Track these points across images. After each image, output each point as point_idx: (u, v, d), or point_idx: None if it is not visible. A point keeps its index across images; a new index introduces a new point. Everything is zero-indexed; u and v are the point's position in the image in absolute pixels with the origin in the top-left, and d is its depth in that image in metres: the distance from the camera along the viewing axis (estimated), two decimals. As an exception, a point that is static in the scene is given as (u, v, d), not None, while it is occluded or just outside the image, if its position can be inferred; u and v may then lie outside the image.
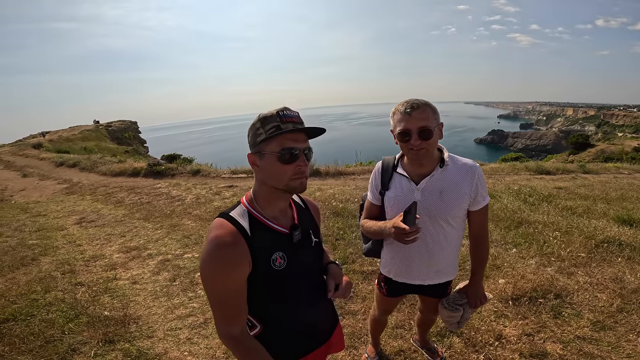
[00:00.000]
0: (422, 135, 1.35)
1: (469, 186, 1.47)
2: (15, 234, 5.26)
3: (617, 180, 7.30)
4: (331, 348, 1.35)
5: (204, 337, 2.59)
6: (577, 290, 2.83)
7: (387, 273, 1.74)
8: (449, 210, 1.48)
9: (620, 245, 3.52)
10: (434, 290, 1.72)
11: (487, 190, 1.56)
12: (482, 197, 1.51)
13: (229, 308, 1.04)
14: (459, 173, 1.48)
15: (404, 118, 1.37)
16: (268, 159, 1.03)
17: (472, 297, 1.69)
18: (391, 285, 1.77)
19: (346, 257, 3.64)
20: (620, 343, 2.24)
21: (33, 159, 16.09)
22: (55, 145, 23.47)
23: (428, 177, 1.48)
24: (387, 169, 1.60)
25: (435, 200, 1.47)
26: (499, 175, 7.85)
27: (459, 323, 1.72)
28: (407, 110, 1.36)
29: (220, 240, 0.99)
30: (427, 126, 1.35)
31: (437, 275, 1.64)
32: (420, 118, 1.35)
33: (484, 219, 1.58)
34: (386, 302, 1.89)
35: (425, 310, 2.01)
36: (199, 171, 9.31)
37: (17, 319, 2.78)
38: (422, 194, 1.48)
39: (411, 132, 1.36)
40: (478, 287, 1.69)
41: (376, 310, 2.01)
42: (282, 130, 1.01)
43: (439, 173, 1.47)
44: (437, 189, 1.47)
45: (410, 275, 1.66)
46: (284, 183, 1.05)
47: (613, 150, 27.85)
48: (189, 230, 4.95)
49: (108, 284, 3.46)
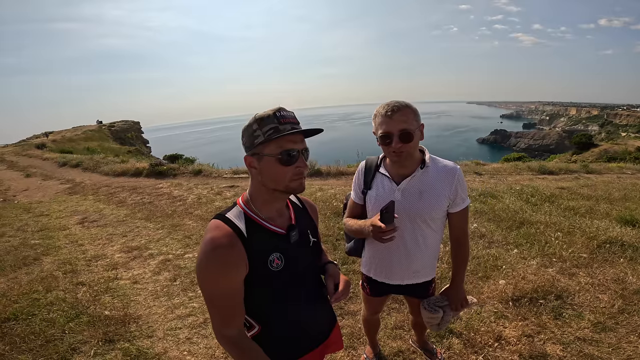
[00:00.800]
0: (403, 138, 1.37)
1: (449, 188, 1.49)
2: (18, 233, 5.29)
3: (620, 180, 7.25)
4: (329, 348, 1.35)
5: (204, 336, 2.60)
6: (579, 291, 2.81)
7: (367, 272, 1.76)
8: (428, 211, 1.50)
9: (623, 245, 3.49)
10: (414, 291, 1.74)
11: (467, 193, 1.58)
12: (461, 199, 1.53)
13: (226, 310, 1.04)
14: (439, 174, 1.50)
15: (384, 121, 1.38)
16: (267, 161, 1.03)
17: (453, 300, 1.71)
18: (373, 285, 1.78)
19: (346, 258, 3.63)
20: (621, 344, 2.22)
21: (36, 159, 16.19)
22: (58, 145, 23.61)
23: (409, 178, 1.50)
24: (370, 168, 1.62)
25: (415, 200, 1.49)
26: (501, 175, 7.81)
27: (439, 325, 1.73)
28: (387, 114, 1.37)
29: (216, 242, 0.99)
30: (407, 129, 1.36)
31: (415, 276, 1.66)
32: (400, 121, 1.36)
33: (464, 222, 1.60)
34: (371, 301, 1.90)
35: (411, 312, 2.02)
36: (201, 171, 9.33)
37: (18, 318, 2.80)
38: (402, 194, 1.50)
39: (392, 135, 1.37)
40: (459, 290, 1.71)
41: (365, 311, 2.03)
42: (280, 132, 1.00)
43: (420, 174, 1.49)
44: (417, 189, 1.49)
45: (390, 275, 1.68)
46: (284, 184, 1.05)
47: (616, 150, 27.68)
48: (190, 230, 4.97)
49: (109, 283, 3.47)
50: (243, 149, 1.09)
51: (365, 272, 1.78)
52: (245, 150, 1.08)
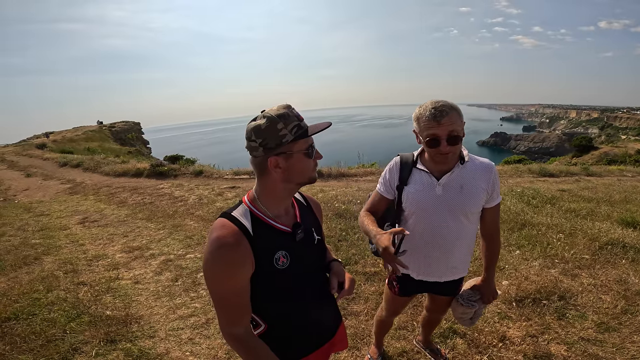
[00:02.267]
0: (451, 142, 1.37)
1: (487, 182, 1.52)
2: (18, 233, 5.28)
3: (621, 182, 7.25)
4: (335, 346, 1.35)
5: (206, 337, 2.59)
6: (581, 292, 2.81)
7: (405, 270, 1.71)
8: (469, 204, 1.52)
9: (624, 247, 3.49)
10: (448, 288, 1.73)
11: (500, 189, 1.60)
12: (496, 195, 1.57)
13: (233, 308, 1.04)
14: (477, 170, 1.53)
15: (432, 125, 1.36)
16: (297, 158, 1.04)
17: (486, 293, 1.73)
18: (404, 284, 1.76)
19: (349, 259, 3.62)
20: (625, 344, 2.22)
21: (37, 159, 16.18)
22: (58, 145, 23.60)
23: (449, 174, 1.51)
24: (406, 164, 1.62)
25: (456, 194, 1.51)
26: (502, 178, 7.81)
27: (472, 319, 1.75)
28: (436, 118, 1.35)
29: (223, 241, 0.99)
30: (455, 132, 1.37)
31: (453, 272, 1.67)
32: (449, 124, 1.35)
33: (496, 217, 1.63)
34: (397, 302, 1.88)
35: (433, 309, 1.99)
36: (202, 172, 9.33)
37: (18, 318, 2.79)
38: (443, 189, 1.52)
39: (440, 139, 1.37)
40: (491, 283, 1.73)
41: (384, 311, 2.00)
42: (302, 128, 1.04)
43: (459, 170, 1.51)
44: (457, 184, 1.51)
45: (429, 272, 1.66)
46: (308, 176, 1.10)
47: (616, 153, 27.72)
48: (191, 230, 4.96)
49: (110, 283, 3.46)
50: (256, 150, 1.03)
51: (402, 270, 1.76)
52: (263, 152, 1.02)
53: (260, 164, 1.05)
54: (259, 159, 1.04)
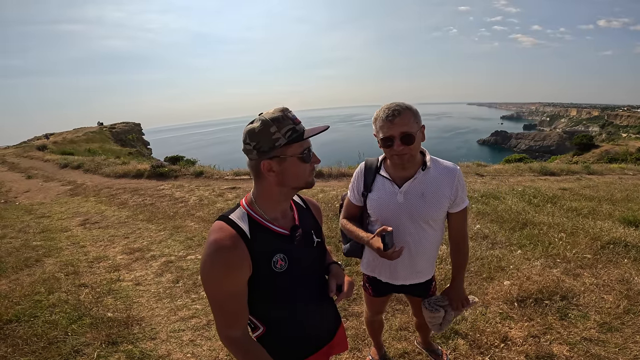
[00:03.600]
0: (405, 141, 1.38)
1: (450, 188, 1.51)
2: (20, 235, 5.28)
3: (622, 181, 7.24)
4: (334, 349, 1.34)
5: (207, 339, 2.59)
6: (584, 292, 2.80)
7: (372, 272, 1.77)
8: (431, 211, 1.52)
9: (626, 246, 3.48)
10: (417, 290, 1.76)
11: (467, 193, 1.60)
12: (461, 200, 1.56)
13: (230, 311, 1.04)
14: (440, 176, 1.52)
15: (385, 124, 1.39)
16: (291, 161, 1.03)
17: (454, 299, 1.72)
18: (375, 285, 1.79)
19: (349, 259, 3.62)
20: (628, 344, 2.21)
21: (37, 161, 16.19)
22: (59, 147, 23.62)
23: (410, 180, 1.51)
24: (370, 170, 1.63)
25: (418, 202, 1.51)
26: (503, 177, 7.80)
27: (441, 325, 1.74)
28: (388, 117, 1.38)
29: (220, 244, 0.99)
30: (408, 132, 1.38)
31: (418, 276, 1.69)
32: (401, 124, 1.37)
33: (463, 222, 1.62)
34: (374, 302, 1.90)
35: (414, 313, 2.02)
36: (202, 173, 9.33)
37: (20, 320, 2.79)
38: (404, 197, 1.51)
39: (394, 138, 1.39)
40: (459, 290, 1.72)
41: (368, 312, 2.03)
42: (298, 132, 1.02)
43: (421, 176, 1.51)
44: (419, 191, 1.51)
45: (394, 276, 1.69)
46: (305, 180, 1.08)
47: (617, 151, 27.68)
48: (192, 231, 4.96)
49: (111, 285, 3.46)
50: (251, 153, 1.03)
51: (368, 273, 1.79)
52: (257, 155, 1.02)
53: (255, 167, 1.05)
54: (254, 162, 1.05)
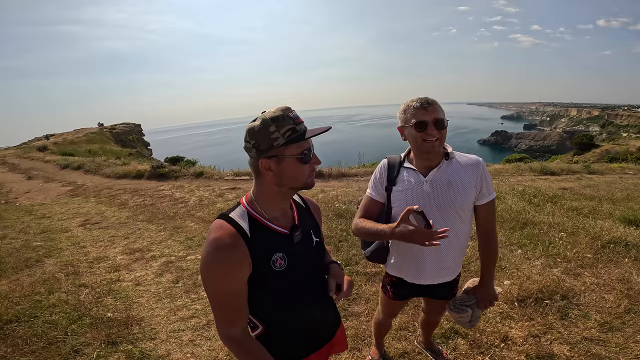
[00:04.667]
0: (438, 126, 1.44)
1: (475, 177, 1.52)
2: (20, 235, 5.28)
3: (623, 180, 7.23)
4: (334, 348, 1.34)
5: (207, 338, 2.59)
6: (584, 291, 2.79)
7: (398, 273, 1.71)
8: (459, 199, 1.51)
9: (627, 245, 3.47)
10: (442, 290, 1.71)
11: (493, 186, 1.58)
12: (487, 191, 1.54)
13: (230, 309, 1.04)
14: (465, 165, 1.53)
15: (419, 112, 1.44)
16: (289, 162, 1.03)
17: (483, 298, 1.68)
18: (398, 288, 1.75)
19: (349, 259, 3.62)
20: (629, 344, 2.21)
21: (38, 162, 16.21)
22: (59, 147, 23.64)
23: (435, 169, 1.52)
24: (393, 165, 1.63)
25: (444, 190, 1.50)
26: (503, 176, 7.79)
27: (470, 322, 1.71)
28: (423, 105, 1.45)
29: (220, 242, 0.99)
30: (441, 118, 1.45)
31: (445, 273, 1.65)
32: (434, 111, 1.44)
33: (491, 215, 1.60)
34: (392, 305, 1.87)
35: (430, 312, 1.99)
36: (202, 173, 9.33)
37: (20, 320, 2.79)
38: (430, 186, 1.51)
39: (427, 122, 1.43)
40: (488, 288, 1.68)
41: (381, 314, 1.99)
42: (298, 132, 1.02)
43: (446, 165, 1.52)
44: (444, 179, 1.51)
45: (422, 275, 1.64)
46: (303, 181, 1.07)
47: (618, 151, 27.65)
48: (192, 232, 4.96)
49: (111, 285, 3.46)
50: (250, 151, 1.05)
51: (394, 274, 1.73)
52: (256, 154, 1.03)
53: (254, 166, 1.06)
54: (253, 161, 1.05)
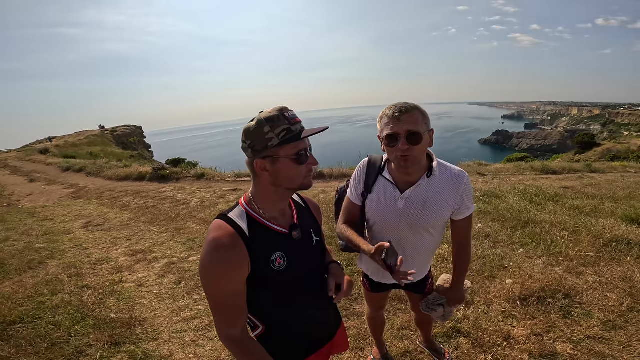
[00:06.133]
0: (410, 140, 1.28)
1: (454, 197, 1.44)
2: (23, 238, 5.30)
3: (624, 179, 7.21)
4: (335, 348, 1.34)
5: (209, 339, 2.59)
6: (587, 290, 2.79)
7: (366, 271, 1.77)
8: (431, 220, 1.47)
9: (629, 244, 3.46)
10: (413, 287, 1.78)
11: (473, 200, 1.53)
12: (466, 208, 1.49)
13: (229, 309, 1.04)
14: (445, 184, 1.44)
15: (391, 122, 1.30)
16: (284, 162, 1.02)
17: (452, 299, 1.74)
18: (372, 281, 1.78)
19: (351, 259, 3.62)
20: (632, 342, 2.20)
21: (40, 164, 16.25)
22: (61, 150, 23.71)
23: (414, 187, 1.43)
24: (372, 169, 1.54)
25: (418, 210, 1.44)
26: (505, 176, 7.78)
27: (444, 316, 1.79)
28: (395, 115, 1.29)
29: (219, 242, 0.99)
30: (415, 130, 1.28)
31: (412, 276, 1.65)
32: (409, 122, 1.28)
33: (467, 228, 1.57)
34: (373, 298, 1.90)
35: (413, 308, 2.03)
36: (204, 175, 9.33)
37: (24, 321, 2.80)
38: (405, 203, 1.45)
39: (399, 136, 1.29)
40: (458, 292, 1.73)
41: (369, 308, 2.03)
42: (293, 133, 1.01)
43: (425, 183, 1.43)
44: (421, 199, 1.43)
45: (386, 278, 1.66)
46: (299, 182, 1.06)
47: (619, 149, 27.60)
48: (194, 233, 4.97)
49: (114, 286, 3.47)
50: (247, 152, 1.05)
51: (364, 270, 1.79)
52: (252, 154, 1.04)
53: (251, 166, 1.06)
54: (249, 161, 1.06)
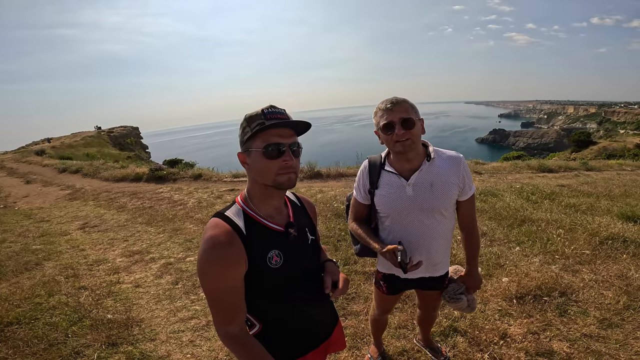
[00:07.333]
0: (405, 125, 1.42)
1: (457, 177, 1.53)
2: (19, 239, 5.28)
3: (620, 176, 7.25)
4: (331, 347, 1.35)
5: (207, 339, 2.59)
6: (583, 288, 2.80)
7: (389, 270, 1.74)
8: (441, 201, 1.52)
9: (625, 241, 3.49)
10: (433, 282, 1.75)
11: (472, 180, 1.61)
12: (469, 187, 1.57)
13: (227, 307, 1.04)
14: (446, 165, 1.53)
15: (385, 113, 1.45)
16: (254, 156, 1.05)
17: (471, 285, 1.76)
18: (391, 283, 1.77)
19: (348, 258, 3.62)
20: (628, 340, 2.21)
21: (36, 166, 16.17)
22: (57, 151, 23.59)
23: (417, 172, 1.51)
24: (374, 167, 1.62)
25: (427, 193, 1.51)
26: (501, 174, 7.81)
27: (469, 306, 1.77)
28: (388, 106, 1.44)
29: (216, 240, 1.00)
30: (408, 117, 1.43)
31: (435, 269, 1.68)
32: (400, 110, 1.43)
33: (472, 209, 1.64)
34: (386, 300, 1.89)
35: (423, 306, 2.01)
36: (201, 175, 9.32)
37: (21, 322, 2.79)
38: (413, 189, 1.51)
39: (394, 123, 1.42)
40: (474, 275, 1.76)
41: (375, 310, 2.01)
42: (265, 125, 1.02)
43: (427, 167, 1.51)
44: (427, 182, 1.51)
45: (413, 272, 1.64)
46: (271, 179, 1.06)
47: (615, 147, 27.77)
48: (191, 233, 4.96)
49: (111, 287, 3.46)
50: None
51: (385, 271, 1.76)
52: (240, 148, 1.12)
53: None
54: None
